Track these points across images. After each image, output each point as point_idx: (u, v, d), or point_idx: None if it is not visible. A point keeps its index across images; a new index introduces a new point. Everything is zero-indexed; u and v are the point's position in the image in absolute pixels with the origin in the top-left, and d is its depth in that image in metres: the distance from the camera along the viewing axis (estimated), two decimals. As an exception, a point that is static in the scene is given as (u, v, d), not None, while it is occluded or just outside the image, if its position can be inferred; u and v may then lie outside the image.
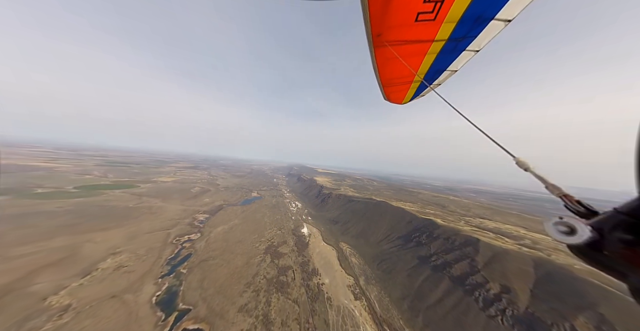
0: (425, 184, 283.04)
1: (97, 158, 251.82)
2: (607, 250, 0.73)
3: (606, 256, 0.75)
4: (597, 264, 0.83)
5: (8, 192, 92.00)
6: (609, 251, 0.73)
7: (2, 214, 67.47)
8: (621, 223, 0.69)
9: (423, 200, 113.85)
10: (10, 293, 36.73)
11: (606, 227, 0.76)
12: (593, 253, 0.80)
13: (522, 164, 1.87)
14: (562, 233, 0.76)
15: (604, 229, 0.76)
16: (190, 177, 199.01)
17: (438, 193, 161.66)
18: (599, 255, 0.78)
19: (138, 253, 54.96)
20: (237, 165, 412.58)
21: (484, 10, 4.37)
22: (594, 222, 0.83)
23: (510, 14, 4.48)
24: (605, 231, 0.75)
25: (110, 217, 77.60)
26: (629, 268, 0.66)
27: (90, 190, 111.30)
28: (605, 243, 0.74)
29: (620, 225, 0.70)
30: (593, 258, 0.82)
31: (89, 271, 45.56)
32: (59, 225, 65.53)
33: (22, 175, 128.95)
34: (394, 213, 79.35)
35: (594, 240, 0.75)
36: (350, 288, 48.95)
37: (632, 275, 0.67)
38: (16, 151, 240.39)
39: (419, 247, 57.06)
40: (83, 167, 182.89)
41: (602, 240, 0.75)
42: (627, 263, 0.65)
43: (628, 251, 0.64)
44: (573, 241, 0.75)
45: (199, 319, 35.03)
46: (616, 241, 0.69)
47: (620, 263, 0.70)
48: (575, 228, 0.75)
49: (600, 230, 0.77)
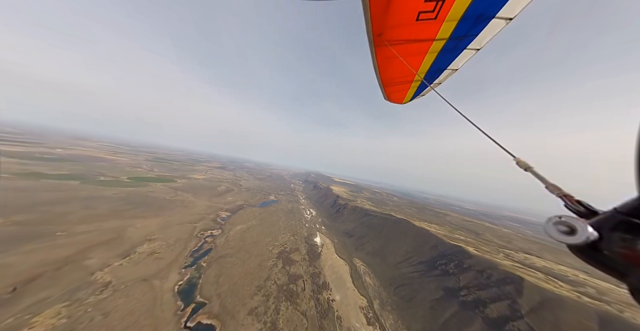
0: (453, 205, 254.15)
1: (147, 154, 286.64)
2: (607, 249, 0.71)
3: (606, 256, 0.73)
4: (597, 264, 0.80)
5: (78, 178, 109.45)
6: (609, 251, 0.71)
7: (73, 196, 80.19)
8: (621, 223, 0.68)
9: (451, 223, 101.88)
10: (69, 264, 42.76)
11: (606, 227, 0.74)
12: (593, 253, 0.78)
13: (523, 164, 1.81)
14: (562, 233, 0.74)
15: (604, 229, 0.75)
16: (218, 176, 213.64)
17: (470, 217, 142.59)
18: (599, 255, 0.76)
19: (168, 242, 59.91)
20: (258, 168, 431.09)
21: (485, 8, 4.24)
22: (594, 221, 0.82)
23: (512, 12, 4.31)
24: (605, 231, 0.74)
25: (151, 206, 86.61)
26: (629, 268, 0.64)
27: (139, 182, 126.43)
28: (605, 243, 0.72)
29: (620, 225, 0.68)
30: (593, 258, 0.80)
31: (128, 253, 50.93)
32: (112, 209, 75.21)
33: (90, 164, 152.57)
34: (417, 234, 72.28)
35: (594, 239, 0.73)
36: (363, 311, 45.36)
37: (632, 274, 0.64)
38: (88, 144, 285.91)
39: (446, 277, 50.33)
40: (136, 161, 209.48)
41: (602, 240, 0.73)
42: (627, 263, 0.63)
43: (628, 251, 0.62)
44: (573, 241, 0.73)
45: (212, 315, 36.15)
46: (616, 241, 0.67)
47: (620, 263, 0.67)
48: (575, 228, 0.73)
49: (600, 229, 0.75)
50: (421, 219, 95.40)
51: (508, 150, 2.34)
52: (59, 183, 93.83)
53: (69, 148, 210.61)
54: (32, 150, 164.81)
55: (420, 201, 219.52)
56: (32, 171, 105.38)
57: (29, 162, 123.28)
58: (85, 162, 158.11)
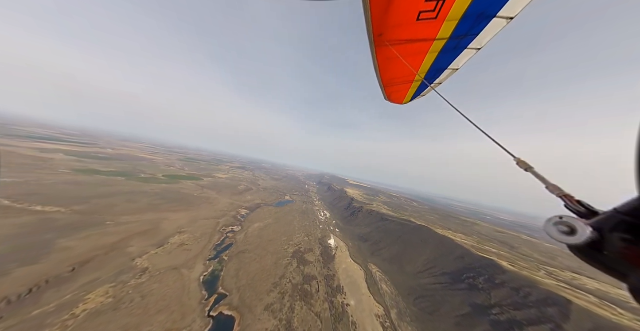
0: (483, 214, 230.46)
1: (179, 154, 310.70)
2: (607, 249, 0.70)
3: (606, 256, 0.72)
4: (597, 264, 0.79)
5: (122, 174, 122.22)
6: (609, 251, 0.70)
7: (119, 190, 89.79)
8: (621, 223, 0.66)
9: (480, 234, 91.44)
10: (115, 250, 47.87)
11: (606, 227, 0.73)
12: (593, 253, 0.77)
13: (523, 164, 1.77)
14: (562, 233, 0.73)
15: (604, 229, 0.73)
16: (239, 175, 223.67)
17: (503, 228, 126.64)
18: (599, 255, 0.75)
19: (195, 235, 64.11)
20: (275, 169, 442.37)
21: (486, 7, 4.12)
22: (594, 221, 0.81)
23: (513, 11, 4.17)
24: (605, 231, 0.72)
25: (181, 201, 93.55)
26: (629, 268, 0.63)
27: (172, 179, 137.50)
28: (605, 243, 0.71)
29: (620, 225, 0.67)
30: (593, 258, 0.79)
31: (162, 243, 55.52)
32: (150, 203, 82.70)
33: (133, 163, 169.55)
34: (439, 243, 66.63)
35: (594, 239, 0.72)
36: (379, 319, 42.88)
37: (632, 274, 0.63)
38: (132, 145, 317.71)
39: (474, 292, 45.75)
40: (170, 160, 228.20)
41: (602, 240, 0.72)
42: (627, 263, 0.63)
43: (628, 251, 0.61)
44: (573, 241, 0.72)
45: (232, 307, 37.68)
46: (616, 241, 0.66)
47: (620, 263, 0.67)
48: (575, 228, 0.72)
49: (600, 229, 0.74)
50: (444, 227, 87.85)
51: (508, 151, 2.28)
52: (108, 178, 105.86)
53: (117, 148, 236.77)
54: (88, 149, 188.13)
55: (443, 207, 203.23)
56: (87, 168, 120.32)
57: (86, 160, 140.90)
58: (129, 160, 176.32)
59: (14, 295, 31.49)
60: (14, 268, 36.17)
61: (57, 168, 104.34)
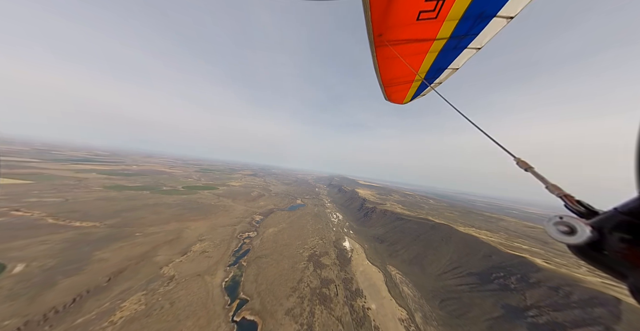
0: (509, 209, 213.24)
1: (195, 166, 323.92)
2: (608, 250, 0.68)
3: (606, 256, 0.70)
4: (597, 264, 0.77)
5: (147, 188, 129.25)
6: (609, 251, 0.68)
7: (145, 203, 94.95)
8: (621, 223, 0.65)
9: (508, 230, 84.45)
10: (144, 260, 50.38)
11: (606, 227, 0.71)
12: (593, 253, 0.75)
13: (523, 164, 1.75)
14: (562, 233, 0.71)
15: (604, 229, 0.71)
16: (251, 182, 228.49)
17: (534, 223, 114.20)
18: (599, 255, 0.73)
19: (215, 242, 65.98)
20: (285, 174, 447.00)
21: (486, 7, 4.02)
22: (594, 221, 0.79)
23: (513, 11, 4.08)
24: (605, 231, 0.70)
25: (200, 211, 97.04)
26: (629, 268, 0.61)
27: (191, 190, 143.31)
28: (605, 243, 0.69)
29: (620, 225, 0.65)
30: (593, 258, 0.77)
31: (186, 251, 57.67)
32: (173, 214, 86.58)
33: (155, 177, 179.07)
34: (462, 242, 62.48)
35: (594, 240, 0.70)
36: (403, 323, 40.56)
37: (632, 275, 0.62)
38: (153, 161, 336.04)
39: (506, 293, 42.41)
40: (188, 172, 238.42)
41: (603, 240, 0.70)
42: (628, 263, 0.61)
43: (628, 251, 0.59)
44: (573, 241, 0.70)
45: (254, 312, 37.97)
46: (616, 241, 0.64)
47: (620, 263, 0.65)
48: (575, 228, 0.70)
49: (601, 229, 0.72)
50: (466, 224, 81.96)
51: (508, 151, 2.24)
52: (135, 193, 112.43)
53: (141, 164, 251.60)
54: (116, 168, 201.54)
55: (462, 204, 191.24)
56: (117, 184, 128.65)
57: (115, 177, 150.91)
58: (152, 175, 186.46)
59: (60, 305, 34.00)
60: (60, 280, 39.18)
61: (91, 187, 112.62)
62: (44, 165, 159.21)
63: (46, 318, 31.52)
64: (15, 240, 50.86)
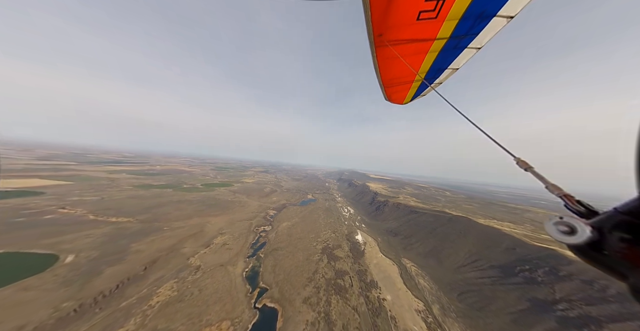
0: (537, 199, 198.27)
1: (211, 165, 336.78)
2: (608, 250, 0.68)
3: (606, 256, 0.70)
4: (597, 264, 0.77)
5: (170, 186, 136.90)
6: (609, 251, 0.68)
7: (169, 200, 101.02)
8: (621, 223, 0.65)
9: (535, 222, 77.21)
10: (173, 252, 54.18)
11: (606, 227, 0.71)
12: (593, 253, 0.75)
13: (523, 164, 1.75)
14: (562, 233, 0.71)
15: (604, 229, 0.71)
16: (263, 179, 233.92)
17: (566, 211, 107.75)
18: (599, 255, 0.73)
19: (234, 235, 69.19)
20: (295, 170, 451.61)
21: (486, 6, 3.96)
22: (594, 221, 0.79)
23: (513, 10, 3.99)
24: (605, 231, 0.70)
25: (218, 206, 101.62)
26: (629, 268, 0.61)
27: (209, 187, 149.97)
28: (605, 243, 0.69)
29: (620, 225, 0.65)
30: (593, 258, 0.77)
31: (208, 244, 61.15)
32: (194, 209, 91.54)
33: (177, 175, 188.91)
34: (482, 234, 59.65)
35: (594, 239, 0.70)
36: (420, 314, 40.06)
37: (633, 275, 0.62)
38: (174, 161, 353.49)
39: (532, 286, 40.48)
40: (205, 171, 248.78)
41: (603, 240, 0.70)
42: (628, 263, 0.61)
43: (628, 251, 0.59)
44: (573, 241, 0.70)
45: (274, 300, 39.82)
46: (616, 241, 0.64)
47: (620, 263, 0.65)
48: (575, 228, 0.70)
49: (601, 229, 0.72)
50: (487, 216, 77.42)
51: (508, 151, 2.23)
52: (160, 191, 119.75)
53: (164, 164, 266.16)
54: (142, 168, 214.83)
55: (482, 195, 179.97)
56: (144, 183, 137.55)
57: (141, 177, 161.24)
58: (173, 174, 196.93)
59: (107, 290, 37.86)
60: (105, 269, 43.44)
61: (122, 186, 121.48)
62: (81, 168, 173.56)
63: (96, 301, 35.32)
64: (64, 234, 56.69)
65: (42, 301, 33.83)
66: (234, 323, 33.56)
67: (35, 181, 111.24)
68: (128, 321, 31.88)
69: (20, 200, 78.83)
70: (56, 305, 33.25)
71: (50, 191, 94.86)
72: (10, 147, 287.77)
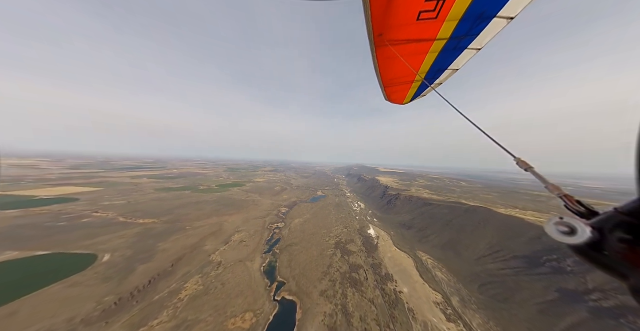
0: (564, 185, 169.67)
1: (223, 166, 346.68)
2: (608, 250, 0.67)
3: (606, 257, 0.69)
4: (597, 264, 0.76)
5: (188, 188, 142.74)
6: (609, 252, 0.67)
7: (188, 201, 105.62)
8: (621, 223, 0.64)
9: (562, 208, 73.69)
10: (196, 249, 56.93)
11: (606, 227, 0.70)
12: (593, 253, 0.73)
13: (523, 164, 1.74)
14: (562, 233, 0.70)
15: (604, 229, 0.70)
16: (273, 178, 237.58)
17: (598, 199, 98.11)
18: (599, 255, 0.72)
19: (250, 233, 71.38)
20: (303, 168, 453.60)
21: (486, 7, 3.90)
22: (594, 222, 0.77)
23: (513, 11, 3.94)
24: (605, 231, 0.70)
25: (233, 206, 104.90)
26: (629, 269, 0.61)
27: (223, 187, 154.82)
28: (605, 243, 0.68)
29: (620, 225, 0.64)
30: (593, 258, 0.75)
31: (227, 241, 63.58)
32: (211, 209, 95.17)
33: (193, 178, 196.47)
34: (503, 224, 56.54)
35: (594, 240, 0.69)
36: (439, 306, 39.28)
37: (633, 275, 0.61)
38: (189, 164, 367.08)
39: (561, 276, 38.08)
40: (218, 172, 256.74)
41: (603, 240, 0.69)
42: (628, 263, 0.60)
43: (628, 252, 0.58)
44: (573, 241, 0.69)
45: (292, 292, 40.95)
46: (616, 241, 0.64)
47: (620, 263, 0.64)
48: (575, 228, 0.69)
49: (601, 230, 0.71)
50: (508, 205, 71.85)
51: (508, 150, 2.20)
52: (179, 193, 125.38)
53: (180, 168, 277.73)
54: (161, 172, 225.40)
55: (503, 184, 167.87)
56: (164, 186, 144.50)
57: (161, 180, 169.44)
58: (190, 176, 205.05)
59: (141, 285, 40.68)
60: (137, 266, 46.61)
61: (145, 190, 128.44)
62: (108, 174, 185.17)
63: (132, 295, 38.11)
64: (100, 235, 61.20)
65: (87, 295, 37.03)
66: (256, 314, 34.97)
67: (70, 188, 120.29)
68: (161, 313, 34.18)
69: (59, 206, 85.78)
70: (99, 299, 36.29)
71: (84, 197, 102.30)
72: (43, 158, 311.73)
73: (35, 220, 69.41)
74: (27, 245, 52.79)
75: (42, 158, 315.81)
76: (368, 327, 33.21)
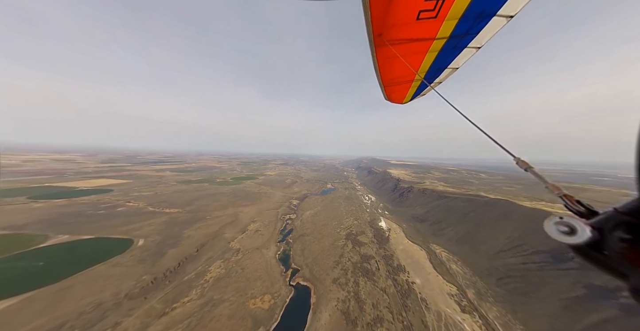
0: (599, 176, 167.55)
1: (237, 160, 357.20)
2: (608, 250, 0.67)
3: (606, 257, 0.69)
4: (597, 264, 0.76)
5: (206, 181, 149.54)
6: (609, 252, 0.66)
7: (206, 193, 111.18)
8: (621, 223, 0.64)
9: (594, 201, 64.25)
10: (217, 237, 60.56)
11: (606, 227, 0.70)
12: (593, 253, 0.73)
13: (523, 164, 1.73)
14: (562, 233, 0.70)
15: (604, 229, 0.70)
16: (284, 171, 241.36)
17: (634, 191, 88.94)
18: (599, 255, 0.72)
19: (264, 223, 74.27)
20: (312, 161, 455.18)
21: (485, 6, 3.84)
22: (594, 221, 0.77)
23: (513, 10, 3.87)
24: (605, 231, 0.69)
25: (248, 198, 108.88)
26: (629, 268, 0.60)
27: (238, 180, 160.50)
28: (605, 243, 0.68)
29: (620, 225, 0.64)
30: (593, 258, 0.75)
31: (244, 230, 66.81)
32: (228, 201, 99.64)
33: (209, 171, 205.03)
34: (526, 217, 52.90)
35: (594, 240, 0.68)
36: (453, 298, 38.48)
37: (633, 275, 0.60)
38: (205, 158, 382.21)
39: (589, 271, 35.90)
40: (232, 166, 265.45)
41: (603, 240, 0.68)
42: (628, 263, 0.60)
43: (628, 251, 0.58)
44: (573, 241, 0.68)
45: (306, 279, 42.79)
46: (616, 241, 0.63)
47: (620, 263, 0.63)
48: (575, 228, 0.69)
49: (601, 230, 0.71)
50: (532, 198, 66.79)
51: (508, 150, 2.19)
52: (199, 185, 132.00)
53: (198, 162, 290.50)
54: (180, 166, 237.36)
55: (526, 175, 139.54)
56: (184, 179, 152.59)
57: (182, 174, 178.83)
58: (207, 170, 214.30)
59: (172, 267, 44.48)
60: (168, 250, 50.77)
61: (169, 182, 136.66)
62: (135, 168, 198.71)
63: (165, 275, 41.89)
64: (134, 223, 66.87)
65: (127, 274, 41.29)
66: (274, 296, 37.14)
67: (104, 181, 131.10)
68: (191, 292, 37.42)
69: (97, 196, 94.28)
70: (137, 278, 40.35)
71: (117, 188, 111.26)
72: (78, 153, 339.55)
73: (79, 208, 77.12)
74: (75, 230, 59.21)
75: (76, 153, 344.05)
76: (381, 314, 33.94)
